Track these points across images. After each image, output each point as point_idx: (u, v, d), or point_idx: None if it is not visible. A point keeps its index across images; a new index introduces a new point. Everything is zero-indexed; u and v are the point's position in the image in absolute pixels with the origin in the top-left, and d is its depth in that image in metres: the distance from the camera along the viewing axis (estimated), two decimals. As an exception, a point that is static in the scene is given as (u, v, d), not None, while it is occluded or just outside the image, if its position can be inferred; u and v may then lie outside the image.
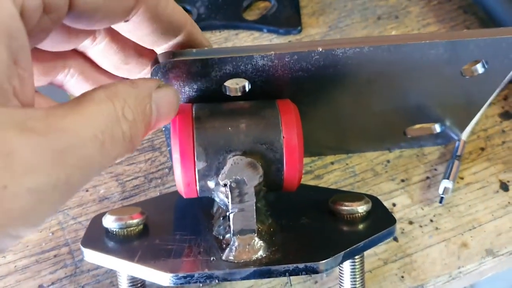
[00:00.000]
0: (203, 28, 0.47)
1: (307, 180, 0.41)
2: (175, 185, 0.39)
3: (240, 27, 0.48)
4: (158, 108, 0.25)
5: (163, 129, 0.35)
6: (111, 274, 0.36)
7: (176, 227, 0.33)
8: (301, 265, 0.29)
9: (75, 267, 0.37)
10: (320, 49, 0.30)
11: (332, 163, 0.42)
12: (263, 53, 0.30)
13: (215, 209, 0.34)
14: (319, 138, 0.40)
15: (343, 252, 0.30)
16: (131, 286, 0.33)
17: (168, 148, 0.38)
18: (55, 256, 0.37)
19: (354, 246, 0.31)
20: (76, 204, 0.39)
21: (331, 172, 0.42)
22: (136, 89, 0.24)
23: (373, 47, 0.31)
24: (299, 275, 0.29)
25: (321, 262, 0.29)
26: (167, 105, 0.26)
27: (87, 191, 0.40)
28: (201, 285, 0.36)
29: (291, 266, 0.29)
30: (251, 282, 0.37)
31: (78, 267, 0.37)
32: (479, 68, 0.34)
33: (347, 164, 0.42)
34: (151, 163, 0.41)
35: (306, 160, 0.42)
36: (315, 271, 0.29)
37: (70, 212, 0.39)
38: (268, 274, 0.29)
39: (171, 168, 0.41)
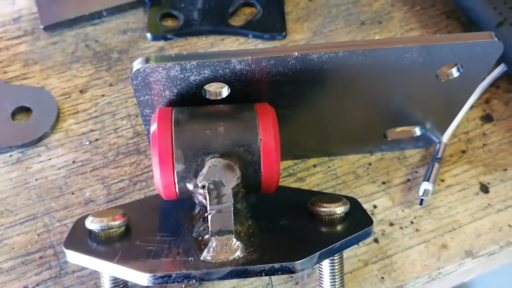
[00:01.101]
0: (190, 34, 0.48)
1: (290, 183, 0.42)
2: (159, 188, 0.40)
3: (226, 32, 0.49)
4: None
5: (146, 132, 0.36)
6: (95, 276, 0.37)
7: (158, 229, 0.34)
8: (276, 265, 0.29)
9: (60, 269, 0.37)
10: (296, 54, 0.31)
11: (314, 165, 0.43)
12: (240, 58, 0.30)
13: (196, 211, 0.35)
14: (301, 141, 0.41)
15: (318, 252, 0.31)
16: (113, 286, 0.33)
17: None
18: (40, 257, 0.38)
19: (330, 246, 0.31)
20: (62, 206, 0.40)
21: (314, 175, 0.43)
22: None
23: (348, 52, 0.31)
24: (275, 274, 0.30)
25: (296, 262, 0.30)
26: None
27: (73, 194, 0.41)
28: (183, 286, 0.37)
29: (267, 266, 0.29)
30: (233, 282, 0.37)
31: (63, 269, 0.37)
32: (454, 72, 0.35)
33: (329, 166, 0.43)
34: (136, 166, 0.42)
35: (288, 163, 0.43)
36: (291, 271, 0.30)
37: (56, 215, 0.40)
38: (245, 274, 0.29)
39: (156, 171, 0.42)
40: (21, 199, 0.40)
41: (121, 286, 0.34)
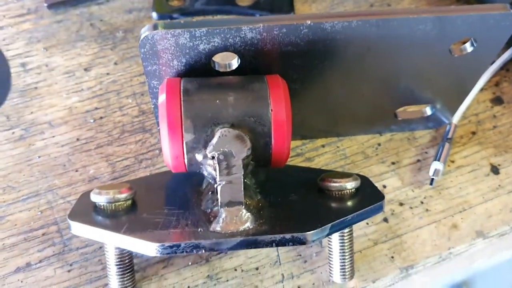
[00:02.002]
0: (196, 13, 0.48)
1: (298, 163, 0.41)
2: (165, 166, 0.40)
3: (233, 12, 0.48)
4: None
5: (153, 106, 0.35)
6: (100, 252, 0.36)
7: (165, 203, 0.33)
8: (288, 236, 0.29)
9: (63, 246, 0.37)
10: (309, 22, 0.30)
11: (323, 146, 0.42)
12: (252, 25, 0.30)
13: (204, 185, 0.34)
14: (310, 121, 0.40)
15: (330, 224, 0.30)
16: (118, 260, 0.32)
17: (158, 128, 0.38)
18: (43, 234, 0.37)
19: (342, 218, 0.31)
20: (66, 183, 0.39)
21: (322, 155, 0.42)
22: None
23: (361, 21, 0.31)
24: (285, 245, 0.29)
25: (308, 232, 0.29)
26: None
27: (76, 171, 0.40)
28: (190, 263, 0.36)
29: (278, 237, 0.29)
30: (241, 260, 0.36)
31: (66, 246, 0.37)
32: (468, 47, 0.34)
33: (337, 147, 0.42)
34: (141, 144, 0.41)
35: (297, 143, 0.42)
36: (302, 242, 0.29)
37: (59, 192, 0.39)
38: (255, 245, 0.29)
39: (161, 149, 0.41)
40: (24, 176, 0.39)
41: (127, 260, 0.33)
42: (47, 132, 0.42)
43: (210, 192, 0.33)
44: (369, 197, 0.33)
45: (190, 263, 0.36)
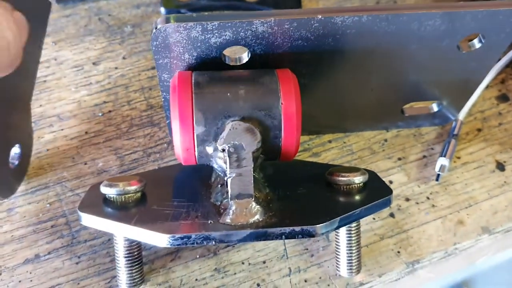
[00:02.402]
0: (203, 9, 0.48)
1: (305, 158, 0.42)
2: (173, 160, 0.40)
3: (241, 8, 0.48)
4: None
5: (163, 100, 0.36)
6: (108, 245, 0.36)
7: (174, 195, 0.33)
8: (297, 228, 0.29)
9: (72, 238, 0.37)
10: (320, 17, 0.30)
11: (329, 141, 0.42)
12: (263, 19, 0.30)
13: (213, 178, 0.34)
14: (318, 116, 0.41)
15: (339, 217, 0.30)
16: (127, 252, 0.33)
17: (168, 121, 0.38)
18: (52, 226, 0.37)
19: (351, 212, 0.31)
20: (74, 176, 0.39)
21: (329, 150, 0.42)
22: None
23: (372, 16, 0.31)
24: (295, 238, 0.29)
25: (317, 225, 0.29)
26: (23, 21, 0.28)
27: (85, 164, 0.40)
28: (198, 256, 0.36)
29: (288, 229, 0.29)
30: (248, 254, 0.37)
31: (75, 238, 0.37)
32: (476, 43, 0.35)
33: (344, 142, 0.42)
34: (150, 138, 0.42)
35: (304, 138, 0.43)
36: (311, 235, 0.29)
37: (68, 184, 0.39)
38: (264, 237, 0.29)
39: (169, 143, 0.41)
40: (33, 168, 0.40)
41: (135, 252, 0.33)
42: (55, 125, 0.42)
43: (219, 185, 0.33)
44: (377, 191, 0.33)
45: (198, 256, 0.36)
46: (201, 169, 0.36)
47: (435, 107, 0.41)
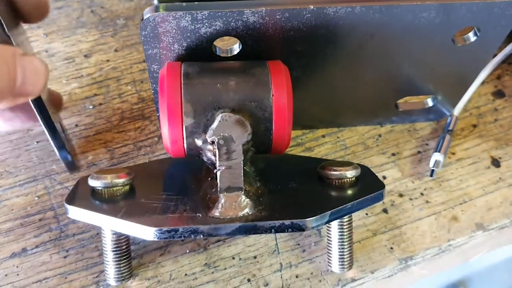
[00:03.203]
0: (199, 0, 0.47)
1: (298, 152, 0.41)
2: (164, 154, 0.39)
3: None
4: (24, 71, 0.28)
5: (153, 92, 0.35)
6: (96, 239, 0.36)
7: (164, 189, 0.33)
8: (287, 222, 0.28)
9: (60, 231, 0.36)
10: (312, 7, 0.30)
11: (323, 136, 0.42)
12: (254, 9, 0.29)
13: (203, 172, 0.34)
14: (311, 110, 0.40)
15: (330, 211, 0.30)
16: (115, 246, 0.32)
17: (158, 115, 0.38)
18: (40, 220, 0.37)
19: (342, 206, 0.30)
20: (63, 169, 0.39)
21: (322, 145, 0.42)
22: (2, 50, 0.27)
23: (365, 7, 0.30)
24: (285, 232, 0.29)
25: (307, 219, 0.29)
26: (33, 70, 0.29)
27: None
28: (187, 251, 0.36)
29: (277, 223, 0.28)
30: (239, 249, 0.36)
31: (63, 231, 0.36)
32: (471, 36, 0.34)
33: (338, 137, 0.42)
34: (140, 131, 0.41)
35: (297, 132, 0.42)
36: (301, 228, 0.29)
37: (57, 177, 0.38)
38: (254, 230, 0.29)
39: (160, 136, 0.41)
40: (21, 161, 0.39)
41: (124, 246, 0.33)
42: (45, 117, 0.41)
43: (209, 178, 0.32)
44: (369, 186, 0.33)
45: (187, 251, 0.36)
46: (192, 163, 0.36)
47: (430, 102, 0.41)
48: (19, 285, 0.34)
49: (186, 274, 0.35)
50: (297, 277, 0.35)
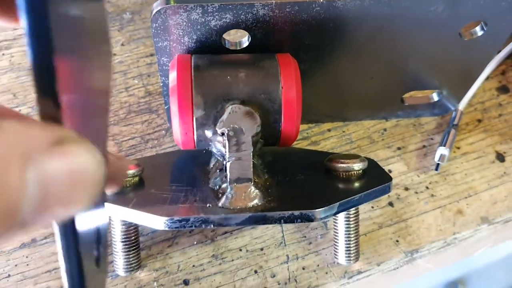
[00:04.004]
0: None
1: (304, 146, 0.41)
2: (171, 147, 0.40)
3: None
4: (45, 182, 0.14)
5: (162, 85, 0.35)
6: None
7: (172, 180, 0.33)
8: (296, 212, 0.29)
9: (68, 223, 0.36)
10: (321, 0, 0.30)
11: (329, 130, 0.42)
12: (264, 2, 0.30)
13: (212, 164, 0.34)
14: (317, 105, 0.40)
15: (338, 202, 0.30)
16: (124, 238, 0.32)
17: (166, 107, 0.38)
18: (48, 211, 0.37)
19: (350, 197, 0.31)
20: (72, 162, 0.39)
21: (328, 139, 0.42)
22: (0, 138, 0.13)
23: (374, 0, 0.31)
24: (294, 222, 0.29)
25: (316, 210, 0.29)
26: (68, 176, 0.14)
27: (83, 149, 0.40)
28: (195, 242, 0.36)
29: (287, 213, 0.29)
30: (246, 240, 0.36)
31: (71, 223, 0.36)
32: (478, 31, 0.34)
33: (343, 131, 0.42)
34: (147, 124, 0.41)
35: (303, 126, 0.42)
36: (310, 219, 0.29)
37: (65, 170, 0.39)
38: (263, 221, 0.29)
39: (168, 130, 0.41)
40: (30, 154, 0.39)
41: (133, 237, 0.33)
42: (53, 110, 0.41)
43: (218, 170, 0.32)
44: (376, 178, 0.33)
45: (195, 243, 0.36)
46: (199, 156, 0.36)
47: (435, 97, 0.41)
48: (29, 275, 0.34)
49: (193, 266, 0.35)
50: (303, 269, 0.36)
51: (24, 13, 0.13)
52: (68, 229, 0.16)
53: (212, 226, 0.28)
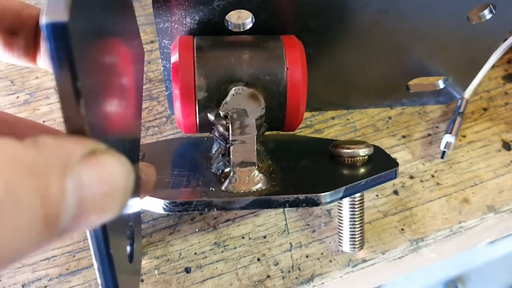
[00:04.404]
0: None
1: (307, 134, 0.41)
2: (172, 134, 0.39)
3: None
4: (82, 190, 0.15)
5: (162, 69, 0.35)
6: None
7: (174, 166, 0.32)
8: (301, 196, 0.28)
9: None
10: (327, -20, 0.29)
11: (332, 118, 0.42)
12: (269, -20, 0.29)
13: (214, 150, 0.33)
14: (321, 92, 0.40)
15: (344, 186, 0.29)
16: (125, 223, 0.32)
17: (167, 93, 0.37)
18: (47, 198, 0.36)
19: (356, 182, 0.30)
20: (71, 148, 0.38)
21: (332, 127, 0.41)
22: (39, 154, 0.14)
23: (381, -19, 0.30)
24: (299, 207, 0.28)
25: (322, 194, 0.28)
26: (101, 184, 0.16)
27: (82, 136, 0.39)
28: (197, 230, 0.35)
29: (292, 197, 0.28)
30: (248, 228, 0.36)
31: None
32: (487, 14, 0.34)
33: (347, 119, 0.42)
34: (148, 112, 0.41)
35: (306, 114, 0.42)
36: (315, 203, 0.28)
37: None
38: (268, 204, 0.28)
39: (168, 117, 0.40)
40: (28, 140, 0.38)
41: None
42: (52, 97, 0.41)
43: (220, 155, 0.32)
44: (382, 164, 0.33)
45: (197, 230, 0.35)
46: (201, 143, 0.36)
47: (441, 84, 0.40)
48: (27, 263, 0.33)
49: (195, 253, 0.34)
50: (307, 257, 0.35)
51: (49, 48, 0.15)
52: (99, 231, 0.18)
53: (215, 210, 0.28)
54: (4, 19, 0.25)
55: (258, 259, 0.35)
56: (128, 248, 0.21)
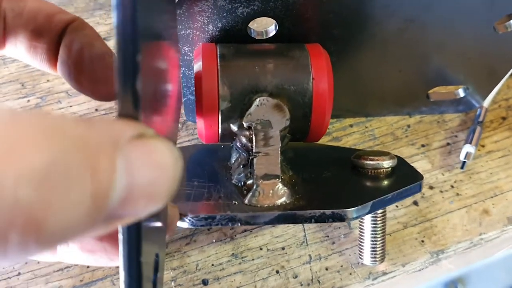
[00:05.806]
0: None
1: (325, 142, 0.40)
2: (188, 141, 0.38)
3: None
4: (132, 172, 0.14)
5: (181, 76, 0.34)
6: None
7: (193, 175, 0.32)
8: (328, 212, 0.27)
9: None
10: (355, -12, 0.29)
11: (351, 125, 0.41)
12: (296, -12, 0.28)
13: (233, 160, 0.32)
14: (340, 99, 0.39)
15: (371, 201, 0.28)
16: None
17: (184, 99, 0.36)
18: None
19: (383, 197, 0.29)
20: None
21: (350, 135, 0.40)
22: (90, 130, 0.14)
23: (410, -11, 0.29)
24: (325, 222, 0.28)
25: (349, 209, 0.28)
26: (151, 168, 0.15)
27: (95, 142, 0.38)
28: (213, 240, 0.35)
29: (318, 212, 0.27)
30: (266, 239, 0.35)
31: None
32: (513, 24, 0.33)
33: (366, 127, 0.41)
34: (163, 117, 0.40)
35: (323, 121, 0.41)
36: (342, 219, 0.28)
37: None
38: (293, 220, 0.27)
39: (184, 123, 0.39)
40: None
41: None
42: (64, 101, 0.40)
43: (241, 166, 0.31)
44: (406, 176, 0.32)
45: (214, 241, 0.35)
46: (218, 150, 0.35)
47: (461, 93, 0.40)
48: (40, 274, 0.32)
49: (212, 265, 0.34)
50: (326, 269, 0.34)
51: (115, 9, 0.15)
52: (133, 231, 0.16)
53: (239, 224, 0.27)
54: (35, 19, 0.25)
55: (277, 272, 0.34)
56: (152, 276, 0.20)
